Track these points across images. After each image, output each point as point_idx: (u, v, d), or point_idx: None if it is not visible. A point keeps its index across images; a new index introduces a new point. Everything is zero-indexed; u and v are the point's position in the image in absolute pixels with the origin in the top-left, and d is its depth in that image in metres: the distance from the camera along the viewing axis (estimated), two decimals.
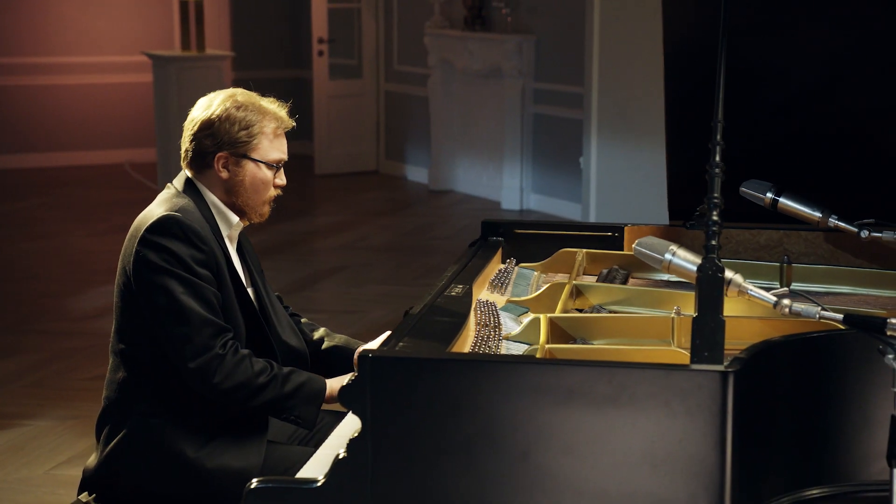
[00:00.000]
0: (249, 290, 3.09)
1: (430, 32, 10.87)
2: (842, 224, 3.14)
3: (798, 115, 3.41)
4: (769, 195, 3.19)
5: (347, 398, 2.44)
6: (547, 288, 3.26)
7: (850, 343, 2.61)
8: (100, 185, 11.22)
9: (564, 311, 3.09)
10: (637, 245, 2.61)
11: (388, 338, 2.70)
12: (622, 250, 3.67)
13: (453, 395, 2.40)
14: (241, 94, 3.07)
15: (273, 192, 3.09)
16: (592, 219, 8.16)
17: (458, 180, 11.02)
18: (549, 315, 2.95)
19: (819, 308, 2.43)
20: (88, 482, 3.04)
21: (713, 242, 2.44)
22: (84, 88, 12.13)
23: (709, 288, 2.40)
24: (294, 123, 3.12)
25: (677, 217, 3.63)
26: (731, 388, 2.32)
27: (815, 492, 2.58)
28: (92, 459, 3.05)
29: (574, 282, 3.29)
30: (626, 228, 3.69)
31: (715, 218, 2.46)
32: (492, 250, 3.61)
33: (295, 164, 5.69)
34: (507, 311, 3.16)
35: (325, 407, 3.02)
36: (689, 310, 3.00)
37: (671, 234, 3.60)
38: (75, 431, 5.16)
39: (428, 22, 10.96)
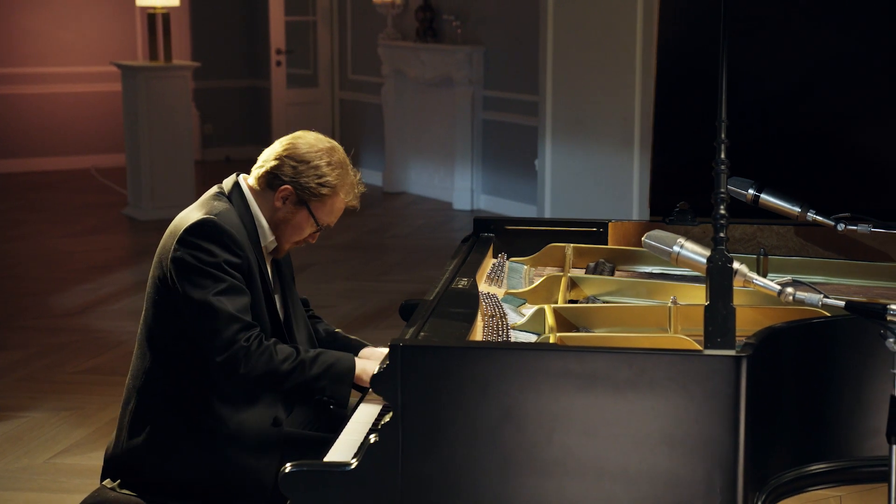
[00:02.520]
0: (276, 297, 3.06)
1: (384, 43, 10.82)
2: (819, 218, 3.13)
3: (775, 115, 3.42)
4: (751, 191, 3.18)
5: (379, 385, 2.42)
6: (543, 280, 3.24)
7: (846, 329, 2.62)
8: (70, 188, 11.06)
9: (564, 301, 3.07)
10: (646, 238, 2.60)
11: (409, 324, 2.68)
12: (606, 244, 3.66)
13: (480, 381, 2.38)
14: (340, 153, 3.03)
15: (301, 243, 3.06)
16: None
17: (411, 183, 10.98)
18: (553, 306, 2.94)
19: (821, 296, 2.43)
20: (112, 469, 2.98)
21: (721, 235, 2.43)
22: (52, 97, 11.94)
23: (719, 277, 2.39)
24: (359, 208, 3.09)
25: (658, 213, 3.63)
26: (744, 371, 2.32)
27: (815, 467, 2.59)
28: (114, 446, 2.99)
29: (569, 274, 3.28)
30: (609, 224, 3.69)
31: (722, 212, 2.45)
32: (485, 246, 3.58)
33: None
34: (507, 303, 3.14)
35: None
36: (681, 299, 3.01)
37: (652, 229, 3.58)
38: (70, 422, 5.07)
39: (381, 33, 10.91)
